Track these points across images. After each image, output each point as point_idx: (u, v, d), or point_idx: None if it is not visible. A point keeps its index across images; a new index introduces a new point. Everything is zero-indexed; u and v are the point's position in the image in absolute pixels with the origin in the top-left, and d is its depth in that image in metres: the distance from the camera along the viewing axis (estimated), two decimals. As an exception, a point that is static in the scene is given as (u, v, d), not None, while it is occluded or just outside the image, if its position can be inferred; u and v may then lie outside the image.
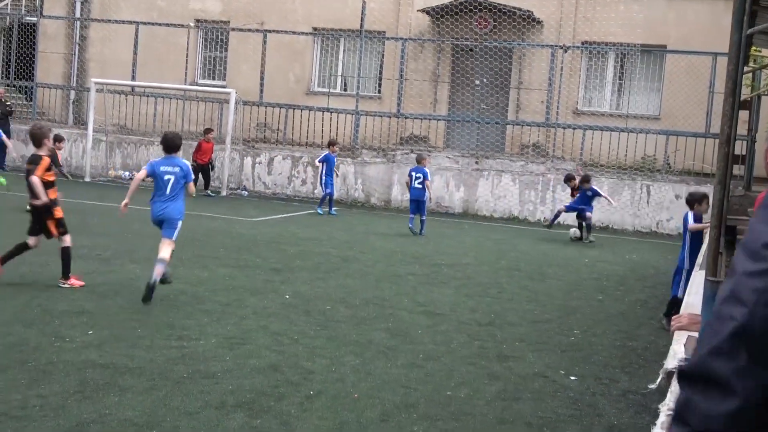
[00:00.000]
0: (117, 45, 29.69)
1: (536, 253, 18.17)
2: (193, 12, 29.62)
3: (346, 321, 10.59)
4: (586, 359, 9.65)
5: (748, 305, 1.71)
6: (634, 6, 25.99)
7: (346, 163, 25.79)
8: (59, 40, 30.89)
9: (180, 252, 14.54)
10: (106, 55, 30.22)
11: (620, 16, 25.95)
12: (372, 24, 27.30)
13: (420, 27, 27.87)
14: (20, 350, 8.23)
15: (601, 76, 27.14)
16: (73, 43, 30.91)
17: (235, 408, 7.10)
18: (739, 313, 1.72)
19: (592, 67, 27.12)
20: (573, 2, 26.61)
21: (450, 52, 27.77)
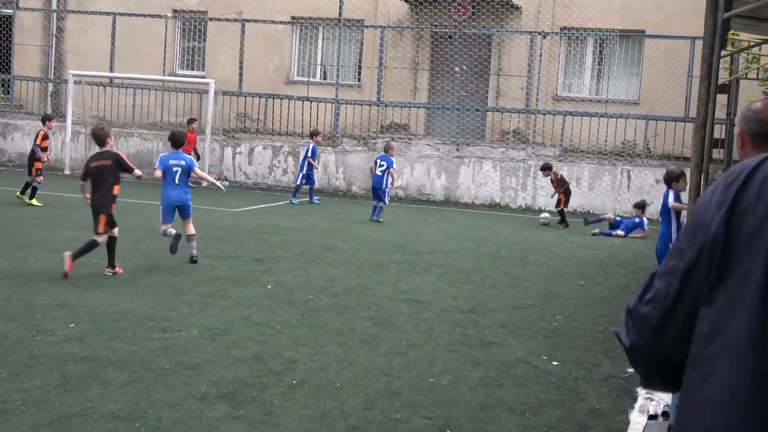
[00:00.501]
0: (94, 36, 29.54)
1: (518, 240, 18.22)
2: (170, 2, 29.47)
3: (329, 310, 10.59)
4: (568, 344, 9.69)
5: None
6: (612, -9, 26.04)
7: (327, 152, 25.78)
8: (36, 32, 30.70)
9: (158, 242, 14.56)
10: (83, 47, 30.06)
11: (598, 1, 26.01)
12: (350, 12, 27.26)
13: (399, 15, 27.84)
14: (1, 344, 8.19)
15: (580, 61, 27.19)
16: (50, 35, 30.73)
17: (217, 399, 7.09)
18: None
19: (571, 53, 27.16)
20: (551, -12, 26.64)
21: (429, 40, 27.76)
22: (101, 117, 28.35)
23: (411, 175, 25.31)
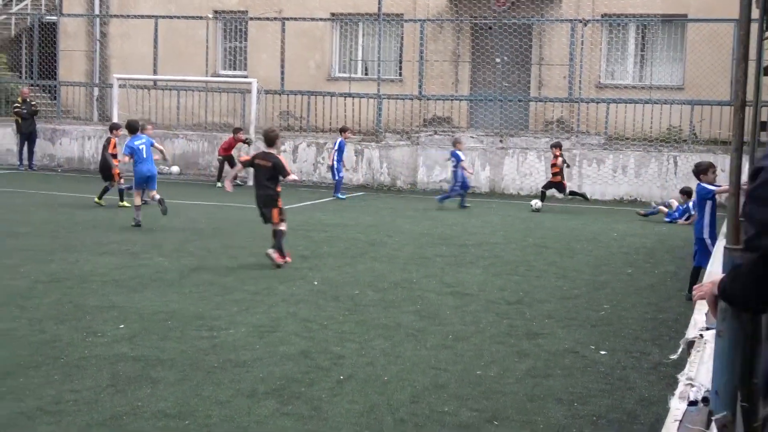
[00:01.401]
0: (137, 40, 29.80)
1: (564, 230, 18.11)
2: (211, 3, 29.67)
3: (375, 305, 10.62)
4: (616, 333, 9.64)
5: None
6: (653, -24, 25.80)
7: (370, 147, 25.81)
8: (80, 38, 31.06)
9: (206, 242, 14.71)
10: (126, 51, 30.34)
11: (640, -14, 25.79)
12: (390, 7, 27.25)
13: (438, 8, 27.79)
14: (53, 346, 8.32)
15: (622, 48, 26.96)
16: (93, 40, 31.07)
17: (266, 395, 7.15)
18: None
19: (613, 40, 26.93)
20: (591, -25, 26.44)
21: (469, 32, 27.67)
22: (146, 119, 28.60)
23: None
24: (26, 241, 14.42)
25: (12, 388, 7.07)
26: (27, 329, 8.90)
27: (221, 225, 17.08)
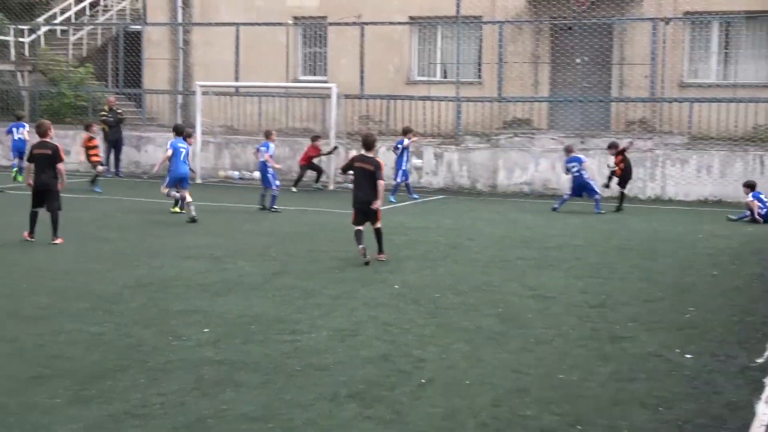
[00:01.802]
0: (219, 47, 30.18)
1: (648, 231, 17.86)
2: (291, 9, 29.94)
3: (456, 308, 10.60)
4: (701, 336, 9.46)
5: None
6: (737, -28, 25.30)
7: (450, 150, 25.77)
8: (164, 46, 31.60)
9: (288, 246, 14.84)
10: (209, 58, 30.77)
11: (723, -17, 25.32)
12: (468, 9, 27.17)
13: (517, 9, 27.63)
14: (139, 350, 8.47)
15: (706, 46, 26.48)
16: (177, 49, 31.59)
17: (348, 399, 7.18)
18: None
19: (696, 38, 26.47)
20: (673, -27, 26.04)
21: (549, 33, 27.46)
22: (229, 126, 29.01)
23: (536, 170, 25.06)
24: (113, 246, 14.73)
25: (100, 392, 7.22)
26: (114, 333, 9.08)
27: (303, 229, 17.22)
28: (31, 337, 8.86)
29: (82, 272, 12.35)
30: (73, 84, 30.94)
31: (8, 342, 8.65)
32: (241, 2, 30.60)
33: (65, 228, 15.90)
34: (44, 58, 32.17)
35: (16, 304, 10.32)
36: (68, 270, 12.50)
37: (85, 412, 6.73)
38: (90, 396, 7.11)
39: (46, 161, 15.04)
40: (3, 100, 31.84)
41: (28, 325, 9.36)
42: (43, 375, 7.62)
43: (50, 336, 8.90)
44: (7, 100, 31.83)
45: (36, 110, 31.07)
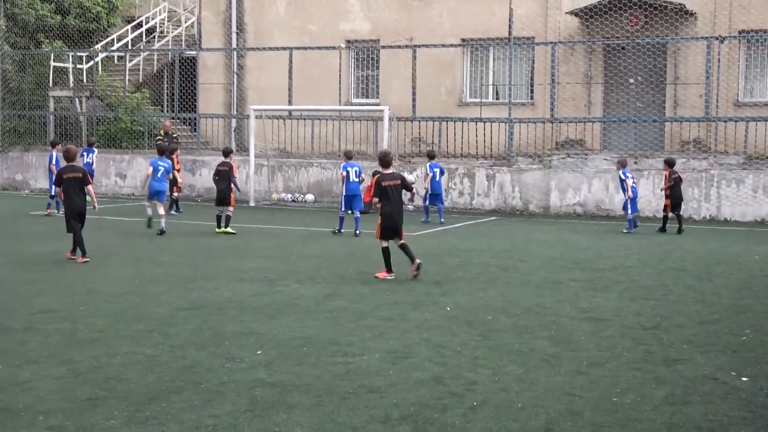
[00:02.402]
0: (273, 71, 30.51)
1: (702, 252, 17.65)
2: (343, 33, 30.17)
3: (508, 330, 10.56)
4: (758, 359, 9.32)
5: None
6: (793, -11, 25.04)
7: (502, 171, 25.73)
8: (218, 71, 31.99)
9: (340, 269, 14.90)
10: (262, 82, 31.10)
11: (778, 1, 25.07)
12: (520, 30, 27.19)
13: (569, 29, 27.57)
14: (194, 372, 8.55)
15: (761, 65, 26.19)
16: (231, 73, 31.95)
17: (400, 421, 7.18)
18: None
19: (751, 57, 26.20)
20: (727, -9, 25.83)
21: (601, 53, 27.35)
22: (282, 149, 29.23)
23: (589, 191, 24.92)
24: (168, 269, 14.90)
25: (155, 413, 7.30)
26: (169, 355, 9.18)
27: (354, 251, 17.28)
28: (88, 359, 8.98)
29: (138, 295, 12.50)
30: (130, 109, 31.43)
31: (65, 364, 8.78)
32: (294, 27, 30.91)
33: (122, 251, 16.13)
34: (101, 84, 32.72)
35: (73, 327, 10.48)
36: (124, 292, 12.66)
37: (140, 434, 6.82)
38: (145, 417, 7.19)
39: (77, 184, 15.48)
40: (62, 126, 32.40)
41: (85, 347, 9.49)
42: (99, 397, 7.72)
43: (106, 358, 9.02)
44: (66, 125, 32.38)
45: (94, 135, 31.61)
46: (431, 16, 29.10)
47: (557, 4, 27.57)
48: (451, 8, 28.87)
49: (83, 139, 31.80)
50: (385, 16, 29.66)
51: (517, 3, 26.91)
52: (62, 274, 14.32)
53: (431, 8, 29.12)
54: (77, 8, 33.74)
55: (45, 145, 31.99)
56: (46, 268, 14.86)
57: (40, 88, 32.68)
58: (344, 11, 30.31)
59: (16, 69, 32.87)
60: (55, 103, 32.83)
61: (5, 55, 32.43)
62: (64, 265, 15.19)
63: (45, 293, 12.59)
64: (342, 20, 30.33)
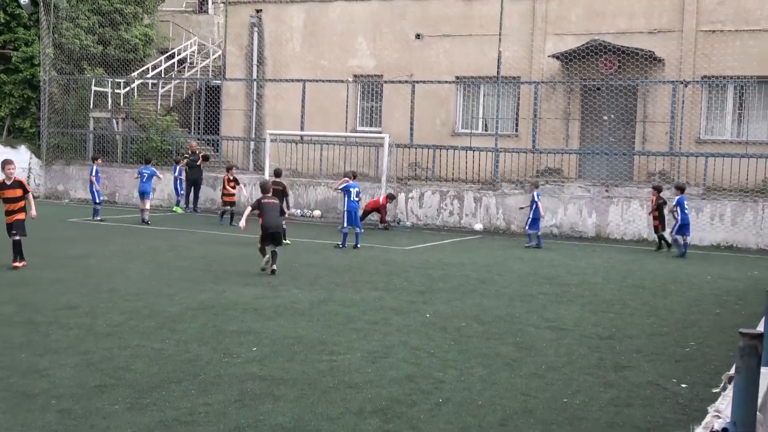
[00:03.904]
0: (288, 100, 30.60)
1: (662, 272, 17.63)
2: (351, 68, 30.25)
3: (478, 336, 10.56)
4: (698, 368, 9.32)
5: None
6: (750, 41, 25.06)
7: (488, 195, 25.74)
8: (240, 99, 32.07)
9: (336, 277, 14.90)
10: (279, 110, 31.18)
11: (737, 51, 25.10)
12: (508, 71, 27.27)
13: (551, 71, 27.62)
14: (194, 365, 8.58)
15: (721, 107, 26.19)
16: (251, 101, 32.02)
17: (371, 414, 7.20)
18: None
19: (712, 99, 26.20)
20: (692, 41, 25.84)
21: (579, 92, 27.38)
22: (293, 169, 29.27)
23: (564, 215, 24.92)
24: (184, 273, 14.93)
25: (155, 400, 7.33)
26: (174, 349, 9.20)
27: (351, 262, 17.28)
28: (101, 350, 9.01)
29: (154, 295, 12.53)
30: (161, 130, 31.53)
31: (81, 354, 8.82)
32: (308, 62, 31.00)
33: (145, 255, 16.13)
34: (136, 107, 32.84)
35: (93, 321, 10.51)
36: (141, 292, 12.69)
37: (140, 418, 6.84)
38: (145, 404, 7.21)
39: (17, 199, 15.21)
40: (100, 143, 32.52)
41: (101, 339, 9.53)
42: (107, 384, 7.76)
43: (118, 350, 9.05)
44: (104, 143, 32.50)
45: (128, 152, 31.72)
46: (429, 55, 29.17)
47: (541, 49, 27.62)
48: (447, 49, 28.94)
49: (119, 155, 31.94)
50: (389, 54, 29.73)
51: (506, 46, 26.99)
52: (89, 274, 14.36)
53: (429, 48, 29.20)
54: (117, 40, 33.91)
55: (85, 159, 32.11)
56: (75, 270, 14.90)
57: (82, 110, 32.79)
58: (352, 49, 30.40)
59: (61, 92, 33.00)
60: (94, 123, 32.94)
61: (52, 80, 32.55)
62: (91, 267, 15.22)
63: (71, 291, 12.63)
64: (350, 57, 30.41)
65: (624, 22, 26.63)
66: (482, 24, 28.19)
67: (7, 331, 9.81)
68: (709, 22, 25.70)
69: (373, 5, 30.32)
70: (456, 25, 28.80)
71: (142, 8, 35.20)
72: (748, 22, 25.28)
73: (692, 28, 25.84)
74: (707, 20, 25.73)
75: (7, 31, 32.61)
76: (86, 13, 33.26)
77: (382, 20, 29.90)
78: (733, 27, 25.42)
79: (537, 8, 27.71)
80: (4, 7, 32.25)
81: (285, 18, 31.56)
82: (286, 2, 33.30)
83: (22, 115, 33.35)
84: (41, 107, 32.46)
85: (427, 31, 29.20)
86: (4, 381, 7.77)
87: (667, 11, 26.22)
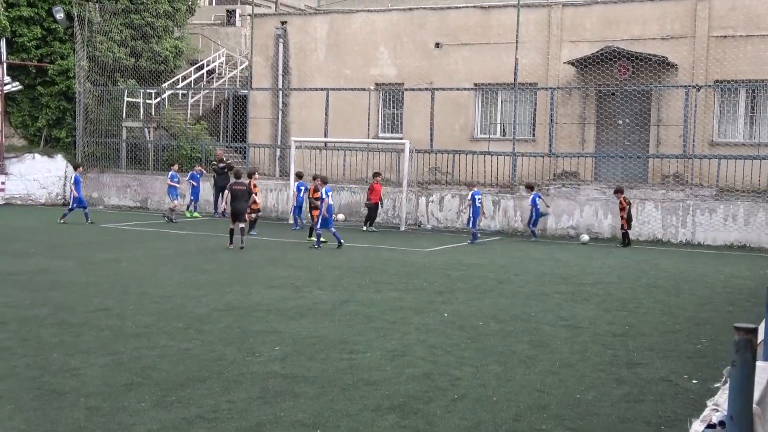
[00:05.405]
0: (312, 108, 30.64)
1: (675, 271, 17.48)
2: (373, 77, 30.25)
3: (495, 334, 10.51)
4: (710, 364, 9.23)
5: None
6: (761, 45, 24.82)
7: (506, 198, 25.64)
8: (266, 108, 32.15)
9: (358, 278, 14.89)
10: (303, 118, 31.23)
11: (749, 55, 24.86)
12: (525, 77, 27.17)
13: (567, 77, 27.48)
14: (219, 363, 8.59)
15: (733, 110, 25.94)
16: (277, 109, 32.09)
17: (389, 410, 7.17)
18: None
19: (724, 103, 25.96)
20: (704, 46, 25.64)
21: (594, 97, 27.23)
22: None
23: (581, 216, 24.78)
24: (211, 276, 14.96)
25: (180, 398, 7.34)
26: (200, 349, 9.22)
27: (373, 263, 17.27)
28: (130, 350, 9.05)
29: (182, 297, 12.57)
30: (191, 138, 31.70)
31: (110, 354, 8.85)
32: (332, 71, 31.04)
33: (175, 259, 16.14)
34: (167, 116, 33.01)
35: (122, 323, 10.56)
36: (170, 295, 12.74)
37: (165, 415, 6.85)
38: (171, 401, 7.23)
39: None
40: (133, 151, 32.72)
41: (130, 340, 9.56)
42: (134, 383, 7.78)
43: (146, 350, 9.08)
44: (136, 151, 32.70)
45: (159, 160, 31.89)
46: (448, 63, 29.11)
47: (557, 55, 27.49)
48: (465, 57, 28.86)
49: (150, 163, 32.12)
50: (409, 63, 29.70)
51: (522, 53, 26.88)
52: (120, 277, 14.43)
53: (448, 57, 29.13)
54: (149, 52, 34.11)
55: (118, 167, 32.36)
56: (107, 273, 14.98)
57: (115, 119, 33.00)
58: (374, 58, 30.39)
59: (95, 103, 33.22)
60: (127, 132, 33.14)
61: (87, 91, 32.79)
62: (122, 270, 15.30)
63: (103, 294, 12.69)
64: (372, 66, 30.41)
65: (637, 29, 26.45)
66: (499, 32, 28.11)
67: (41, 332, 9.88)
68: (721, 28, 25.48)
69: (393, 16, 30.33)
70: (474, 33, 28.74)
71: (173, 22, 35.39)
72: (760, 27, 25.04)
73: (704, 34, 25.64)
74: (719, 26, 25.52)
75: (43, 45, 32.91)
76: (119, 27, 33.49)
77: (403, 30, 29.89)
78: (744, 32, 25.19)
79: (553, 16, 27.60)
80: (40, 22, 32.55)
81: (309, 29, 31.62)
82: (309, 14, 33.43)
83: (59, 125, 33.62)
84: (76, 118, 32.69)
85: (446, 40, 29.15)
86: (37, 380, 7.81)
87: (679, 17, 26.03)
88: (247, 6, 37.50)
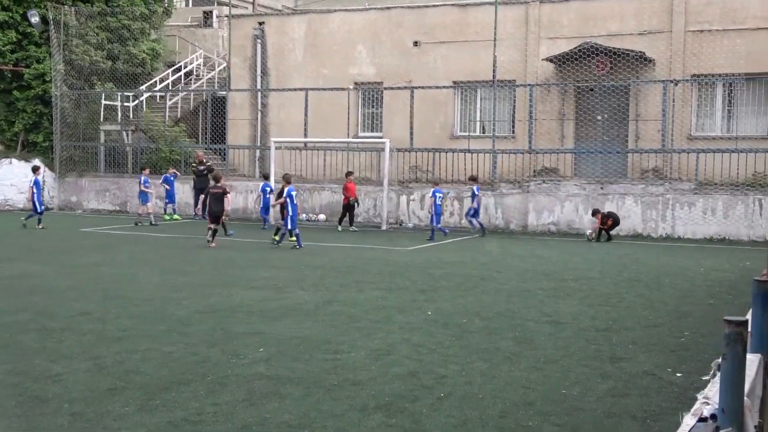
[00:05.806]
0: (291, 109, 30.55)
1: (656, 265, 17.56)
2: (352, 76, 30.20)
3: (479, 332, 10.50)
4: (693, 357, 9.26)
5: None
6: (737, 39, 24.97)
7: (486, 195, 25.67)
8: (245, 109, 32.04)
9: (340, 278, 14.86)
10: (282, 118, 31.13)
11: (725, 49, 25.01)
12: (503, 74, 27.22)
13: (545, 73, 27.56)
14: (203, 366, 8.53)
15: (711, 104, 26.11)
16: (256, 111, 31.99)
17: (375, 410, 7.15)
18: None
19: (702, 97, 26.11)
20: (681, 40, 25.79)
21: (573, 94, 27.33)
22: (298, 175, 29.21)
23: (561, 212, 24.86)
24: (192, 278, 14.88)
25: (165, 401, 7.28)
26: (183, 351, 9.16)
27: (355, 263, 17.24)
28: (112, 354, 8.97)
29: (162, 300, 12.48)
30: (169, 141, 31.55)
31: (92, 359, 8.77)
32: (310, 71, 30.96)
33: (156, 262, 16.03)
34: (145, 119, 32.87)
35: (104, 327, 10.47)
36: (151, 298, 12.65)
37: (149, 419, 6.79)
38: (155, 405, 7.17)
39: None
40: (111, 155, 32.51)
41: (111, 344, 9.48)
42: (118, 387, 7.71)
43: (128, 354, 9.01)
44: (114, 155, 32.49)
45: (138, 163, 31.70)
46: (427, 61, 29.11)
47: (535, 52, 27.56)
48: (444, 55, 28.88)
49: (129, 166, 31.92)
50: (388, 61, 29.68)
51: (500, 51, 26.94)
52: (101, 281, 14.32)
53: (427, 55, 29.15)
54: (125, 55, 33.89)
55: (97, 171, 32.14)
56: (88, 277, 14.86)
57: (93, 123, 32.76)
58: (353, 57, 30.35)
59: (72, 106, 32.98)
60: (105, 136, 32.91)
61: (63, 95, 32.54)
62: (103, 274, 15.19)
63: (84, 298, 12.59)
64: (351, 65, 30.37)
65: (615, 25, 26.57)
66: (477, 30, 28.15)
67: (22, 338, 9.77)
68: (697, 23, 25.64)
69: (371, 15, 30.31)
70: (452, 31, 28.76)
71: (149, 24, 35.17)
72: (735, 22, 25.21)
73: (681, 29, 25.79)
74: (695, 21, 25.68)
75: (19, 49, 32.65)
76: (95, 30, 33.25)
77: (381, 29, 29.88)
78: (720, 26, 25.36)
79: (530, 13, 27.67)
80: (15, 26, 32.27)
81: (287, 29, 31.53)
82: (287, 14, 33.37)
83: (36, 129, 33.37)
84: (53, 122, 32.45)
85: (424, 38, 29.16)
86: (19, 386, 7.73)
87: (656, 13, 26.16)
88: (224, 7, 37.35)
